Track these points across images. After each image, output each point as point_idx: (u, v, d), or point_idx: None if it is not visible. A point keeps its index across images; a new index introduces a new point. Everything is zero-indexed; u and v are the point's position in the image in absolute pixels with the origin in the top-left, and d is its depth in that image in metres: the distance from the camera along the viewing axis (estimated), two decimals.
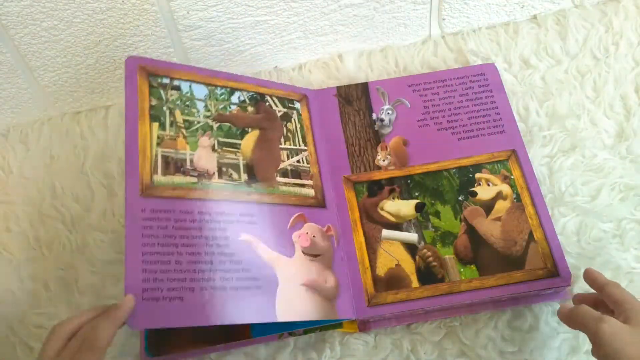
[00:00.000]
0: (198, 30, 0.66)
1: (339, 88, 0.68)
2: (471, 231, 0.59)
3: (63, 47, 0.65)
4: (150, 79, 0.60)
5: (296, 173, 0.63)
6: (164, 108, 0.60)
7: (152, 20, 0.64)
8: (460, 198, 0.61)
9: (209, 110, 0.63)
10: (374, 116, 0.66)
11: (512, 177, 0.61)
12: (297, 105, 0.67)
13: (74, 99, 0.72)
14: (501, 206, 0.60)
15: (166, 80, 0.61)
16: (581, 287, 0.56)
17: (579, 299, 0.53)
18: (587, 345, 0.54)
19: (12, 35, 0.62)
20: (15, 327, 0.60)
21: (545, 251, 0.57)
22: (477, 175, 0.62)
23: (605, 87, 0.66)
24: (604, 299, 0.49)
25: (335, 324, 0.56)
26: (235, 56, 0.71)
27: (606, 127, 0.64)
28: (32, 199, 0.67)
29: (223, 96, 0.64)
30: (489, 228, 0.59)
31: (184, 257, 0.53)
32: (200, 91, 0.63)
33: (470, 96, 0.67)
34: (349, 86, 0.68)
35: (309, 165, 0.64)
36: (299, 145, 0.65)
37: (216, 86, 0.64)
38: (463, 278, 0.57)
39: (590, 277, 0.52)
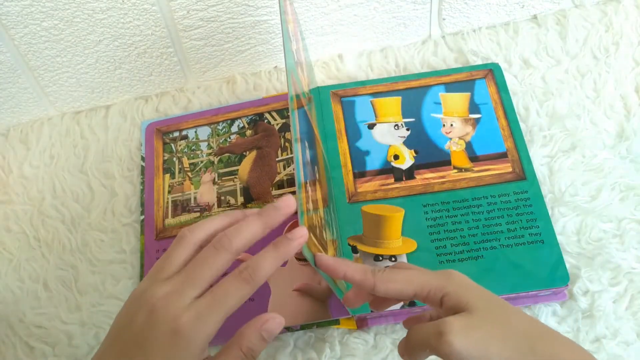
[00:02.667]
0: (198, 30, 0.66)
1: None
2: None
3: (63, 47, 0.65)
4: (164, 136, 0.69)
5: (292, 181, 0.64)
6: (174, 159, 0.68)
7: (152, 20, 0.64)
8: None
9: (210, 148, 0.67)
10: None
11: None
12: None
13: (74, 98, 0.72)
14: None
15: (176, 134, 0.69)
16: (581, 287, 0.56)
17: (411, 321, 0.45)
18: (587, 345, 0.54)
19: (12, 35, 0.62)
20: (16, 327, 0.60)
21: None
22: None
23: (605, 87, 0.66)
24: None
25: (332, 320, 0.57)
26: (235, 56, 0.71)
27: (606, 127, 0.64)
28: (32, 198, 0.68)
29: (224, 129, 0.68)
30: None
31: None
32: (204, 132, 0.69)
33: None
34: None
35: None
36: None
37: (218, 122, 0.67)
38: None
39: (337, 269, 0.41)
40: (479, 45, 0.71)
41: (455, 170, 0.62)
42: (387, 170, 0.63)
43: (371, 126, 0.65)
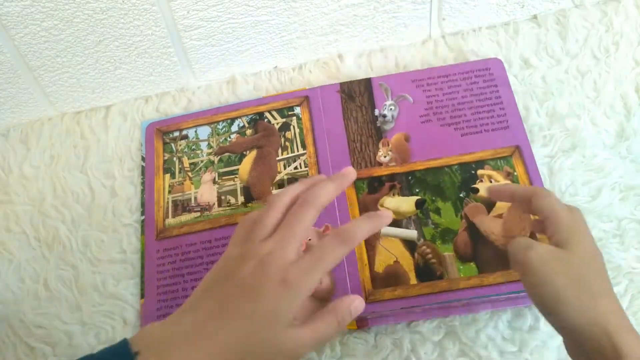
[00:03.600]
0: (198, 30, 0.66)
1: (342, 84, 0.68)
2: (471, 228, 0.59)
3: (63, 47, 0.65)
4: (164, 136, 0.69)
5: (293, 180, 0.64)
6: (174, 159, 0.68)
7: (152, 20, 0.64)
8: (461, 195, 0.61)
9: (210, 147, 0.68)
10: (377, 112, 0.66)
11: (516, 173, 0.61)
12: (297, 110, 0.68)
13: (74, 99, 0.72)
14: (503, 203, 0.59)
15: (176, 134, 0.69)
16: None
17: (509, 194, 0.49)
18: None
19: (12, 35, 0.62)
20: (16, 326, 0.60)
21: None
22: (480, 172, 0.61)
23: (605, 87, 0.66)
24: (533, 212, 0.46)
25: None
26: (235, 56, 0.71)
27: (606, 126, 0.64)
28: (32, 198, 0.68)
29: (224, 129, 0.68)
30: (490, 225, 0.58)
31: (189, 283, 0.60)
32: (204, 132, 0.69)
33: (474, 91, 0.66)
34: (351, 82, 0.68)
35: (307, 169, 0.64)
36: (298, 151, 0.66)
37: (218, 122, 0.68)
38: (462, 275, 0.56)
39: (505, 191, 0.49)
40: (479, 45, 0.71)
41: None
42: None
43: None
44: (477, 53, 0.70)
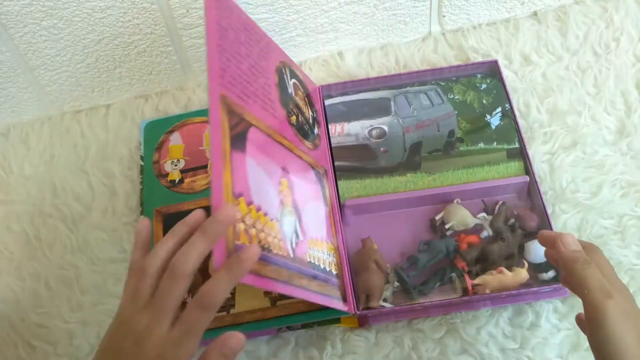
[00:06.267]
0: (198, 29, 0.66)
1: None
2: None
3: (63, 46, 0.65)
4: None
5: None
6: None
7: (152, 18, 0.64)
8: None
9: None
10: None
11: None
12: None
13: (74, 97, 0.72)
14: None
15: None
16: None
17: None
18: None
19: (12, 35, 0.62)
20: (17, 325, 0.61)
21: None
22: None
23: (606, 83, 0.66)
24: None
25: (333, 319, 0.56)
26: None
27: (607, 123, 0.64)
28: (32, 198, 0.68)
29: None
30: None
31: None
32: None
33: None
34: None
35: None
36: None
37: None
38: None
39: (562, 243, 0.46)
40: (479, 42, 0.71)
41: None
42: None
43: None
44: (477, 50, 0.70)
